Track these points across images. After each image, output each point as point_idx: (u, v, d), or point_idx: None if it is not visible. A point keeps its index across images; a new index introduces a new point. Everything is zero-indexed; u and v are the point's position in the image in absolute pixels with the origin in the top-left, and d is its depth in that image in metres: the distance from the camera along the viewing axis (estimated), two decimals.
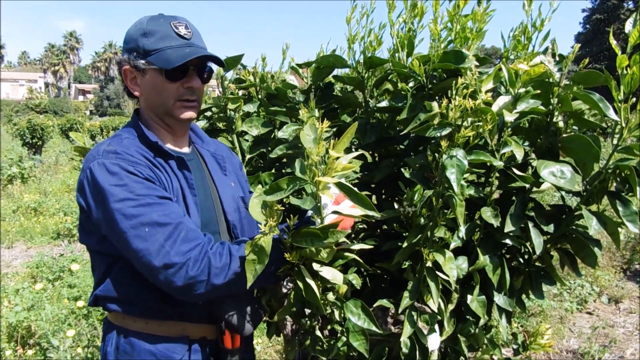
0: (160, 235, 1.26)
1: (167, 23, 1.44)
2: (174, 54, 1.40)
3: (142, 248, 1.26)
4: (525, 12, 1.65)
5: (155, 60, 1.41)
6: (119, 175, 1.29)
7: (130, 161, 1.33)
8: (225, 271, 1.29)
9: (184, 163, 1.49)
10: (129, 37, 1.46)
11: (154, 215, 1.27)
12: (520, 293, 1.73)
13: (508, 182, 1.62)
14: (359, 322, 1.44)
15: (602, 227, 1.49)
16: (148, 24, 1.43)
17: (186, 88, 1.46)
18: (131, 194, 1.28)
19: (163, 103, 1.46)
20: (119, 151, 1.34)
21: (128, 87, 1.49)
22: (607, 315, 4.97)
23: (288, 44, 2.20)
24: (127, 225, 1.26)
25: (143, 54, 1.42)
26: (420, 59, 1.62)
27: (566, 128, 1.57)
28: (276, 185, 1.24)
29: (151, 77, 1.44)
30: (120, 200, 1.27)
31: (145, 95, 1.49)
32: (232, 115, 2.00)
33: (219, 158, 1.69)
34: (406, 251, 1.52)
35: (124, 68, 1.46)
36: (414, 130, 1.48)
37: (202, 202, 1.51)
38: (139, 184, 1.30)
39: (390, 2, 1.76)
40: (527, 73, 1.47)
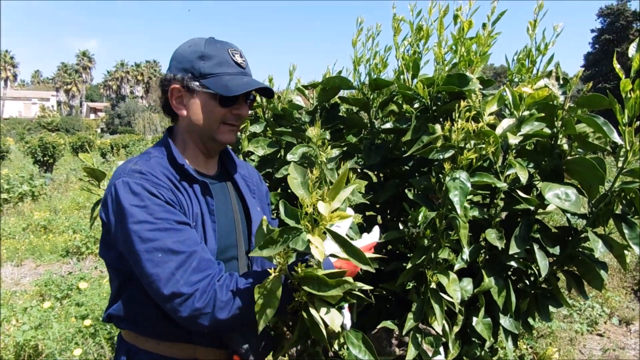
0: (172, 263, 1.26)
1: (225, 49, 1.46)
2: (232, 82, 1.42)
3: (153, 273, 1.26)
4: (529, 35, 1.67)
5: (212, 84, 1.42)
6: (141, 196, 1.30)
7: (153, 182, 1.34)
8: (230, 305, 1.28)
9: (207, 188, 1.48)
10: (181, 57, 1.46)
11: (168, 241, 1.28)
12: (526, 315, 1.72)
13: (513, 204, 1.62)
14: (360, 355, 1.37)
15: (608, 250, 1.49)
16: (206, 47, 1.45)
17: (234, 114, 1.48)
18: (150, 216, 1.28)
19: (209, 125, 1.47)
20: (144, 171, 1.35)
21: (172, 105, 1.48)
22: (617, 337, 4.89)
23: (295, 65, 2.22)
24: (141, 248, 1.27)
25: (198, 76, 1.43)
26: (425, 81, 1.64)
27: (571, 150, 1.58)
28: (270, 239, 1.17)
29: (202, 100, 1.45)
30: (138, 222, 1.27)
31: (191, 116, 1.48)
32: (239, 135, 2.02)
33: (249, 181, 1.69)
34: (410, 272, 1.52)
35: (173, 86, 1.46)
36: (418, 152, 1.49)
37: (223, 227, 1.51)
38: (159, 207, 1.31)
39: (396, 26, 1.79)
40: (531, 96, 1.48)
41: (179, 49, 1.49)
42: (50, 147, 17.34)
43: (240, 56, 1.49)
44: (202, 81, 1.42)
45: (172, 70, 1.46)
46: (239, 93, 1.40)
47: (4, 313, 4.65)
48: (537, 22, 1.65)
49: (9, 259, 7.35)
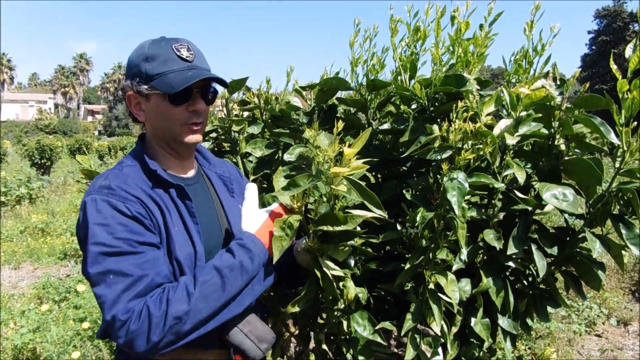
0: (120, 285, 1.24)
1: (169, 46, 1.42)
2: (176, 78, 1.39)
3: (102, 294, 1.24)
4: (526, 36, 1.67)
5: (158, 85, 1.39)
6: (104, 214, 1.28)
7: (121, 197, 1.32)
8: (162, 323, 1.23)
9: (183, 191, 1.45)
10: (131, 62, 1.44)
11: (123, 264, 1.26)
12: (524, 316, 1.72)
13: (511, 205, 1.62)
14: (364, 333, 1.50)
15: (606, 250, 1.49)
16: (150, 48, 1.42)
17: (191, 111, 1.44)
18: (110, 236, 1.26)
19: (169, 128, 1.44)
20: (112, 186, 1.33)
21: (132, 112, 1.47)
22: (616, 338, 4.90)
23: (292, 67, 2.22)
24: (95, 270, 1.25)
25: (146, 79, 1.40)
26: (422, 82, 1.64)
27: (568, 151, 1.58)
28: (293, 182, 1.36)
29: (155, 102, 1.42)
30: (96, 244, 1.26)
31: (150, 121, 1.46)
32: (237, 136, 2.02)
33: (226, 180, 1.66)
34: (408, 273, 1.52)
35: (128, 94, 1.44)
36: (415, 153, 1.49)
37: (207, 228, 1.49)
38: (122, 227, 1.28)
39: (393, 27, 1.79)
40: (529, 97, 1.49)
41: (130, 54, 1.46)
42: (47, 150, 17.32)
43: (188, 50, 1.44)
44: (151, 83, 1.40)
45: (126, 78, 1.45)
46: (180, 88, 1.36)
47: (2, 316, 4.63)
48: (534, 23, 1.66)
49: (7, 262, 7.33)
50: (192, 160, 1.60)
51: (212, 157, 1.70)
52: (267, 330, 1.49)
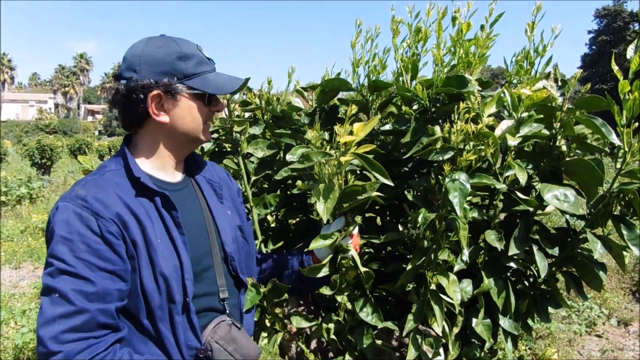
0: (59, 309, 1.17)
1: (194, 47, 1.43)
2: (218, 79, 1.43)
3: (42, 307, 1.19)
4: (527, 37, 1.67)
5: (199, 84, 1.39)
6: (71, 229, 1.22)
7: (93, 212, 1.24)
8: None
9: (168, 201, 1.38)
10: (156, 60, 1.36)
11: (71, 287, 1.19)
12: (526, 316, 1.72)
13: (512, 205, 1.62)
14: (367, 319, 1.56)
15: (607, 251, 1.49)
16: (182, 47, 1.40)
17: (213, 112, 1.47)
18: (70, 254, 1.20)
19: (196, 128, 1.43)
20: (88, 198, 1.25)
21: (151, 112, 1.37)
22: (616, 338, 4.90)
23: (294, 67, 2.23)
24: (46, 281, 1.20)
25: (182, 78, 1.38)
26: (424, 83, 1.64)
27: (569, 152, 1.58)
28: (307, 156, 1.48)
29: (186, 102, 1.40)
30: (54, 257, 1.20)
31: (175, 121, 1.41)
32: (238, 137, 2.02)
33: (215, 185, 1.62)
34: (410, 273, 1.52)
35: (153, 93, 1.35)
36: (417, 154, 1.50)
37: (194, 237, 1.43)
38: (85, 246, 1.21)
39: (395, 28, 1.79)
40: (530, 98, 1.49)
41: (144, 51, 1.37)
42: (48, 150, 17.34)
43: (205, 51, 1.47)
44: (187, 82, 1.38)
45: (145, 76, 1.35)
46: (233, 90, 1.42)
47: (3, 316, 4.64)
48: (536, 24, 1.66)
49: (7, 261, 7.34)
50: (183, 164, 1.56)
51: (201, 160, 1.66)
52: (253, 346, 1.47)
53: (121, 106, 1.39)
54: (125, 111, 1.40)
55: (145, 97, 1.35)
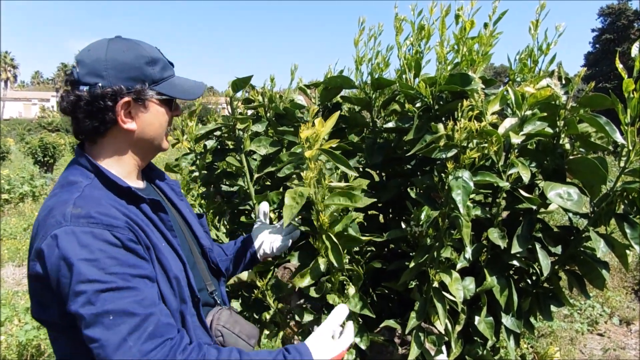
0: (125, 327, 1.08)
1: (157, 50, 1.37)
2: (186, 84, 1.38)
3: (101, 338, 1.07)
4: (531, 35, 1.67)
5: (167, 90, 1.33)
6: (90, 248, 1.11)
7: (106, 225, 1.15)
8: None
9: (159, 205, 1.35)
10: (123, 65, 1.28)
11: (122, 302, 1.10)
12: (528, 314, 1.72)
13: (515, 203, 1.62)
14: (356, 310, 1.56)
15: (610, 249, 1.49)
16: (148, 51, 1.32)
17: (172, 117, 1.42)
18: (101, 272, 1.10)
19: (159, 134, 1.38)
20: (92, 214, 1.15)
21: (120, 120, 1.29)
22: (618, 337, 4.90)
23: (297, 65, 2.22)
24: (90, 311, 1.08)
25: (151, 84, 1.31)
26: (427, 80, 1.64)
27: (573, 150, 1.58)
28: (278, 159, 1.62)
29: (155, 108, 1.34)
30: (87, 282, 1.09)
31: (143, 128, 1.33)
32: (241, 135, 2.02)
33: (172, 184, 1.59)
34: (413, 271, 1.52)
35: (124, 100, 1.27)
36: (421, 152, 1.50)
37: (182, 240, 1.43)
38: (112, 260, 1.12)
39: (398, 25, 1.79)
40: (534, 96, 1.49)
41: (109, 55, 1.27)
42: (50, 148, 17.35)
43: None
44: (156, 88, 1.32)
45: (113, 82, 1.26)
46: (199, 96, 1.39)
47: (7, 313, 4.65)
48: (539, 22, 1.65)
49: (11, 259, 7.36)
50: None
51: (152, 164, 1.57)
52: (252, 326, 1.50)
53: (83, 114, 1.27)
54: (87, 119, 1.28)
55: (114, 105, 1.26)
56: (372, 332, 1.64)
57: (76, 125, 1.30)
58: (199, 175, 2.18)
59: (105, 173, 1.27)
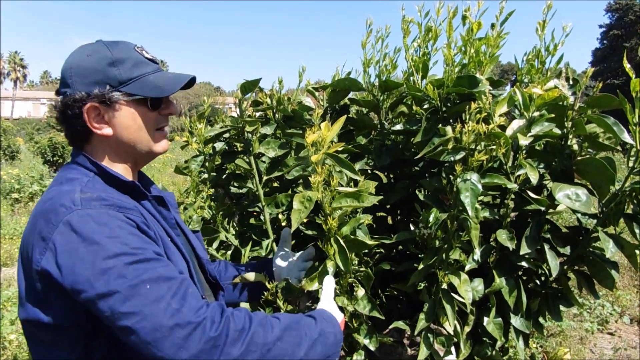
0: (166, 292, 1.04)
1: (131, 49, 1.30)
2: (160, 80, 1.29)
3: (140, 310, 1.01)
4: (538, 36, 1.67)
5: (138, 89, 1.26)
6: (110, 226, 1.08)
7: (118, 207, 1.14)
8: (243, 337, 1.07)
9: (162, 202, 1.34)
10: (85, 69, 1.25)
11: (157, 270, 1.07)
12: (537, 315, 1.72)
13: (524, 204, 1.62)
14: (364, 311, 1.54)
15: (619, 250, 1.50)
16: (114, 51, 1.27)
17: (164, 115, 1.34)
18: (126, 246, 1.06)
19: (143, 136, 1.31)
20: (103, 196, 1.14)
21: (91, 127, 1.25)
22: (629, 336, 4.87)
23: (305, 67, 2.23)
24: (123, 285, 1.02)
25: (117, 85, 1.25)
26: (435, 82, 1.64)
27: (581, 151, 1.58)
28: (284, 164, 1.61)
29: (128, 110, 1.27)
30: (114, 256, 1.04)
31: (120, 132, 1.28)
32: (250, 137, 2.04)
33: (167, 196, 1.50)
34: (421, 273, 1.53)
35: (88, 106, 1.24)
36: (429, 155, 1.50)
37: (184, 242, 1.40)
38: (133, 237, 1.10)
39: (405, 27, 1.79)
40: (541, 97, 1.49)
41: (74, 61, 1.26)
42: (59, 147, 17.44)
43: (147, 51, 1.35)
44: (124, 89, 1.25)
45: (77, 88, 1.24)
46: (176, 90, 1.27)
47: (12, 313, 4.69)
48: (546, 23, 1.66)
49: None
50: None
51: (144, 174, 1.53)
52: None
53: (63, 123, 1.29)
54: (66, 128, 1.30)
55: (80, 112, 1.24)
56: (381, 333, 1.66)
57: (64, 132, 1.32)
58: (208, 177, 2.20)
59: (106, 169, 1.26)
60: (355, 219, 1.54)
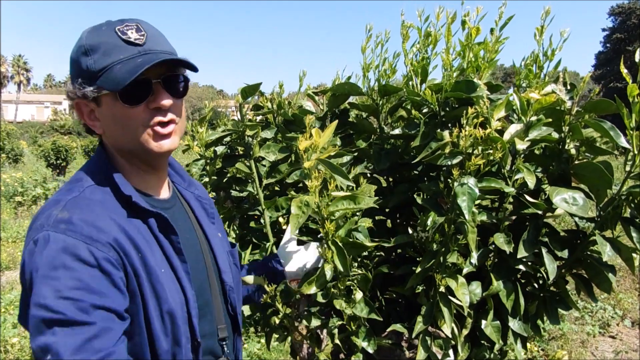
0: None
1: (111, 30, 1.10)
2: (122, 70, 1.06)
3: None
4: (536, 41, 1.68)
5: (104, 82, 1.07)
6: (55, 263, 0.96)
7: (84, 237, 0.99)
8: None
9: (166, 223, 1.15)
10: (71, 59, 1.12)
11: (65, 340, 0.92)
12: (535, 318, 1.73)
13: (522, 208, 1.63)
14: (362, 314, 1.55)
15: (617, 253, 1.51)
16: (87, 38, 1.10)
17: (153, 109, 1.11)
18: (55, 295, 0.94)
19: (130, 135, 1.12)
20: (74, 220, 1.01)
21: (87, 123, 1.16)
22: (630, 340, 4.87)
23: (305, 71, 2.25)
24: (34, 342, 0.94)
25: (89, 78, 1.09)
26: (433, 87, 1.66)
27: (578, 155, 1.59)
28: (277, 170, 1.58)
29: (107, 106, 1.11)
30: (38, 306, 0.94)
31: (107, 131, 1.15)
32: (250, 141, 2.05)
33: (204, 202, 1.40)
34: (419, 276, 1.54)
35: (75, 102, 1.13)
36: (426, 159, 1.52)
37: (194, 265, 1.21)
38: (75, 282, 0.95)
39: (405, 32, 1.81)
40: (539, 102, 1.50)
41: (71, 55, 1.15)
42: (62, 151, 17.54)
43: (137, 30, 1.12)
44: (97, 82, 1.08)
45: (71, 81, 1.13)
46: (127, 82, 1.04)
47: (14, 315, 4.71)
48: (545, 28, 1.67)
49: None
50: (166, 175, 1.31)
51: (185, 174, 1.43)
52: None
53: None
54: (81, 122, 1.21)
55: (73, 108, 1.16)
56: (380, 336, 1.67)
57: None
58: (209, 180, 2.21)
59: (111, 172, 1.14)
60: (351, 220, 1.55)
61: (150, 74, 1.08)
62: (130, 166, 1.19)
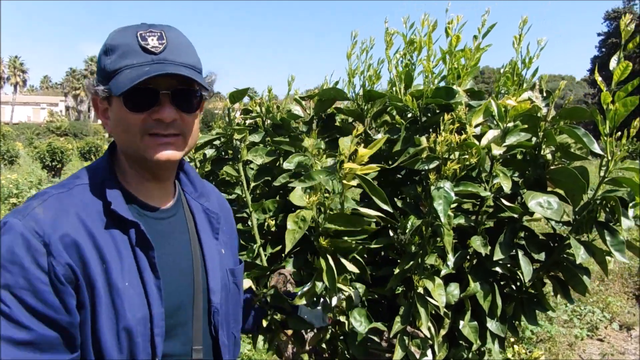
0: None
1: (134, 34, 1.08)
2: (129, 76, 1.05)
3: None
4: (514, 49, 1.73)
5: (113, 84, 1.07)
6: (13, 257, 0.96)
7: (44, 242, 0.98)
8: None
9: (142, 237, 1.10)
10: (98, 55, 1.13)
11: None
12: (512, 319, 1.78)
13: (499, 212, 1.68)
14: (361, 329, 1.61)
15: (591, 256, 1.55)
16: (112, 37, 1.10)
17: (155, 120, 1.09)
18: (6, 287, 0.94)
19: (129, 140, 1.10)
20: (40, 218, 1.00)
21: (100, 119, 1.16)
22: (618, 343, 4.92)
23: (294, 76, 2.29)
24: None
25: (104, 77, 1.09)
26: (415, 93, 1.70)
27: (554, 160, 1.64)
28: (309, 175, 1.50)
29: (115, 108, 1.10)
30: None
31: (113, 132, 1.14)
32: (238, 145, 2.09)
33: (212, 216, 1.33)
34: (398, 277, 1.59)
35: (92, 97, 1.13)
36: (404, 163, 1.56)
37: (174, 282, 1.15)
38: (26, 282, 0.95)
39: (388, 39, 1.86)
40: (515, 108, 1.55)
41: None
42: (58, 152, 17.53)
43: (160, 38, 1.09)
44: (109, 83, 1.08)
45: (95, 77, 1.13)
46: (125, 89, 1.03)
47: None
48: (522, 37, 1.72)
49: None
50: (171, 185, 1.27)
51: (199, 183, 1.36)
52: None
53: None
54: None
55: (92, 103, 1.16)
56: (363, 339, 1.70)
57: None
58: None
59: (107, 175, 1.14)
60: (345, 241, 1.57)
61: (159, 84, 1.07)
62: (133, 171, 1.17)
